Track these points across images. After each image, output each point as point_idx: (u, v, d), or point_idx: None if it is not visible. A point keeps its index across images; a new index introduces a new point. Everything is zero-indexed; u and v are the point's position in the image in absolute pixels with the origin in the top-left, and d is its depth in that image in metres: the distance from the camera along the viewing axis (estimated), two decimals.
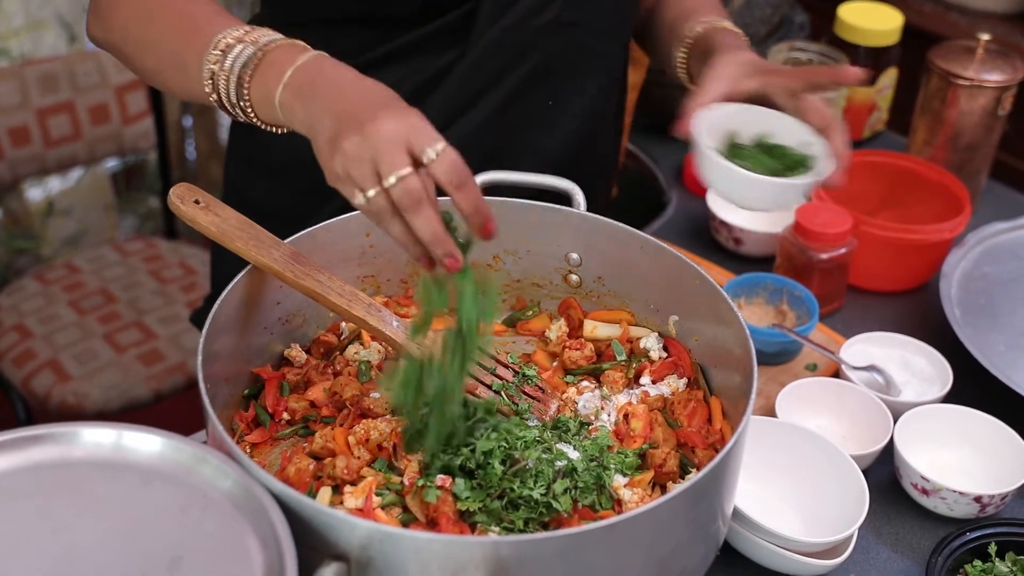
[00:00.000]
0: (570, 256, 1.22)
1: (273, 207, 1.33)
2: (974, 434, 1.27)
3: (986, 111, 1.66)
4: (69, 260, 2.36)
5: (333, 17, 1.27)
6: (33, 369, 2.08)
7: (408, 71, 1.28)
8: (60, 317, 2.19)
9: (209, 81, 1.03)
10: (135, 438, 0.93)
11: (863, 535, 1.19)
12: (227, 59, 1.02)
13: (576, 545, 0.86)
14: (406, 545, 0.85)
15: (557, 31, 1.29)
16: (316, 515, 0.86)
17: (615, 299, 1.23)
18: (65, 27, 2.76)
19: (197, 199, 1.05)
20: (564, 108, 1.35)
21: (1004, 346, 1.41)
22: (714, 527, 1.00)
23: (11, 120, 2.20)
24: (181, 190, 1.05)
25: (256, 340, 1.14)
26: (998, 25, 2.35)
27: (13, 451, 0.93)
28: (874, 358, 1.39)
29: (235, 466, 0.90)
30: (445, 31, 1.26)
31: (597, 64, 1.36)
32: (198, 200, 1.05)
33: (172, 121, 2.97)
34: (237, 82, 1.01)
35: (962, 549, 1.16)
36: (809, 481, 1.19)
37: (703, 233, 1.68)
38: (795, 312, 1.45)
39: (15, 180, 2.30)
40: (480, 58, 1.27)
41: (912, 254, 1.56)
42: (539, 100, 1.33)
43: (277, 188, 1.39)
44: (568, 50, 1.31)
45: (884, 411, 1.28)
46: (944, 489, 1.19)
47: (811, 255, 1.47)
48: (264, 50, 1.01)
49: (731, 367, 1.08)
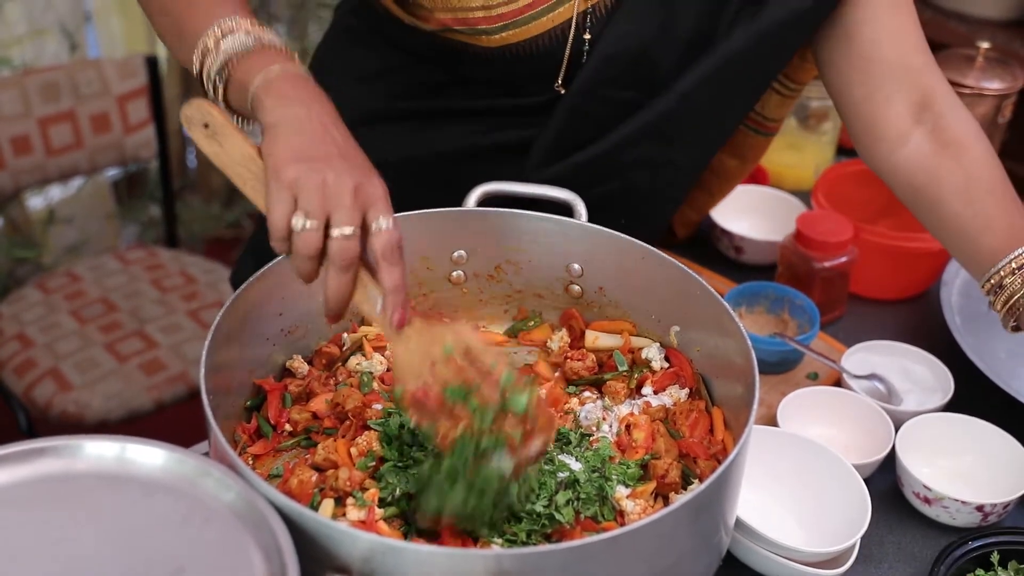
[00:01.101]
0: (571, 267, 1.22)
1: None
2: (976, 443, 1.27)
3: (986, 119, 1.67)
4: (70, 269, 2.37)
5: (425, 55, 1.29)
6: (34, 378, 2.08)
7: (483, 129, 1.30)
8: (61, 326, 2.19)
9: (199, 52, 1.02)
10: (138, 451, 0.94)
11: (865, 545, 1.19)
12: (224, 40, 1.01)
13: (579, 557, 0.86)
14: (409, 558, 0.85)
15: (647, 166, 1.30)
16: (319, 528, 0.87)
17: (616, 309, 1.23)
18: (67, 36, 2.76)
19: (206, 122, 0.97)
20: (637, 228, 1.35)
21: (1005, 354, 1.41)
22: (717, 538, 1.00)
23: (13, 129, 2.20)
24: (191, 110, 0.97)
25: (258, 351, 1.14)
26: (998, 33, 2.36)
27: (17, 464, 0.93)
28: (875, 367, 1.39)
29: (237, 478, 0.91)
30: (523, 111, 1.28)
31: (674, 194, 1.38)
32: (207, 124, 0.97)
33: (173, 130, 2.97)
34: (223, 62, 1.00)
35: (964, 558, 1.16)
36: (811, 491, 1.19)
37: (704, 242, 1.68)
38: (796, 321, 1.45)
39: (17, 189, 2.30)
40: (561, 172, 1.28)
41: (913, 262, 1.56)
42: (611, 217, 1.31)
43: None
44: (652, 184, 1.32)
45: (886, 420, 1.28)
46: (946, 498, 1.19)
47: (812, 264, 1.47)
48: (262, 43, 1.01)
49: (733, 377, 1.08)
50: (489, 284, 1.25)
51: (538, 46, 1.22)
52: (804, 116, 1.75)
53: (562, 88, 1.26)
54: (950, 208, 1.23)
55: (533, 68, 1.25)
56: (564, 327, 1.24)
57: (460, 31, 1.21)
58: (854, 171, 1.68)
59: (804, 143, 1.78)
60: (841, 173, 1.67)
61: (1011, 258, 1.18)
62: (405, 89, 1.33)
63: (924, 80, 1.25)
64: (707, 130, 1.33)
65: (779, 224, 1.62)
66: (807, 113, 1.75)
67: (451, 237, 1.22)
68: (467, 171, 1.27)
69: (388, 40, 1.32)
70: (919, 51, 1.25)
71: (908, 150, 1.26)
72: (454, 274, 1.24)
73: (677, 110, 1.26)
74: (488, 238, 1.22)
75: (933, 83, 1.25)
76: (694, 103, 1.25)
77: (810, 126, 1.76)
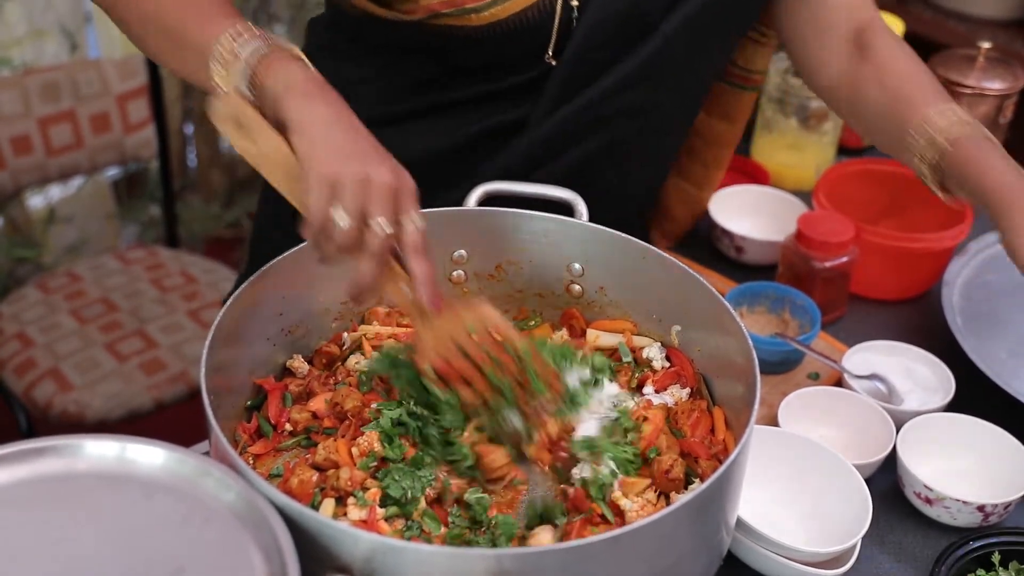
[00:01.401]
0: (572, 266, 1.22)
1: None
2: (977, 443, 1.27)
3: (987, 119, 1.67)
4: (70, 269, 2.36)
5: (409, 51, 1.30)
6: (34, 378, 2.08)
7: (477, 117, 1.30)
8: (61, 326, 2.19)
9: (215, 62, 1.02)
10: (138, 450, 0.94)
11: (866, 545, 1.19)
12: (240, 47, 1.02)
13: (579, 557, 0.86)
14: (410, 558, 0.85)
15: (632, 115, 1.31)
16: (319, 527, 0.86)
17: (617, 309, 1.23)
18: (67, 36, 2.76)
19: (239, 118, 0.99)
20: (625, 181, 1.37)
21: (1006, 354, 1.41)
22: (718, 538, 1.00)
23: (13, 129, 2.20)
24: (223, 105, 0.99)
25: (258, 351, 1.14)
26: (999, 32, 2.36)
27: (17, 463, 0.93)
28: (876, 367, 1.39)
29: (238, 478, 0.90)
30: (515, 89, 1.28)
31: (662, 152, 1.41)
32: (239, 120, 0.99)
33: (173, 129, 2.97)
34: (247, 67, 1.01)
35: (965, 558, 1.16)
36: (812, 491, 1.19)
37: (705, 242, 1.68)
38: (797, 321, 1.45)
39: (17, 189, 2.30)
40: (549, 131, 1.28)
41: (914, 262, 1.56)
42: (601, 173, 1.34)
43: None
44: (641, 133, 1.33)
45: (887, 420, 1.28)
46: (947, 498, 1.19)
47: (813, 264, 1.47)
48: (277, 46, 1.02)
49: (734, 377, 1.08)
50: (490, 284, 1.25)
51: (526, 19, 1.22)
52: (805, 116, 1.75)
53: (553, 60, 1.26)
54: (871, 96, 1.32)
55: (523, 43, 1.25)
56: (564, 327, 1.24)
57: (448, 14, 1.21)
58: (855, 171, 1.68)
59: (805, 143, 1.78)
60: (842, 173, 1.67)
61: (932, 120, 1.25)
62: (390, 93, 1.33)
63: (862, 14, 1.37)
64: (688, 75, 1.35)
65: (780, 224, 1.62)
66: (808, 113, 1.75)
67: (452, 236, 1.22)
68: (465, 162, 1.28)
69: (369, 45, 1.32)
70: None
71: (841, 69, 1.36)
72: (455, 273, 1.24)
73: (659, 55, 1.27)
74: (489, 237, 1.22)
75: (870, 15, 1.37)
76: (675, 46, 1.28)
77: (811, 126, 1.76)
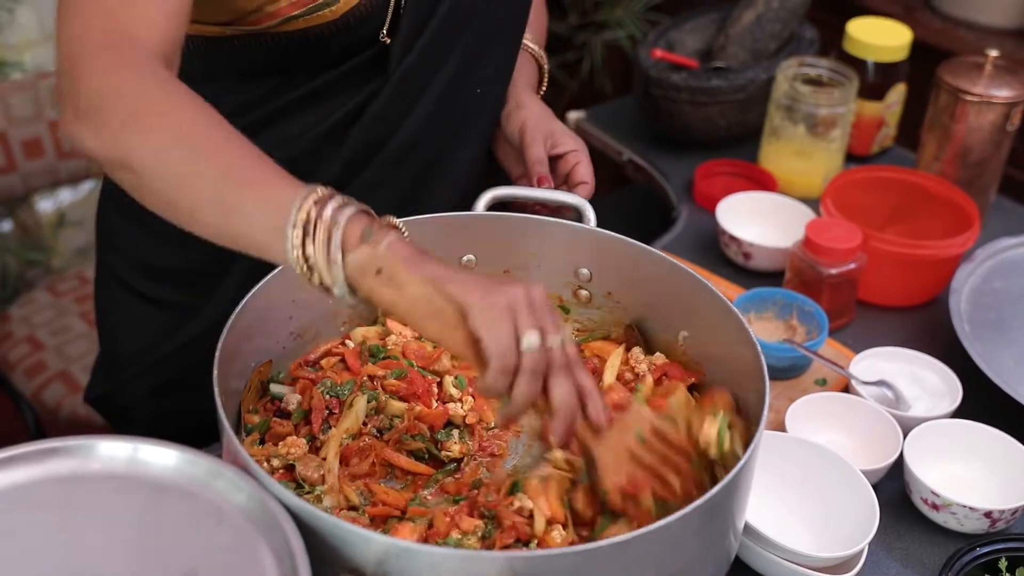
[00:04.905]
0: (580, 271, 1.23)
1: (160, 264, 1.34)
2: (984, 449, 1.27)
3: (995, 127, 1.67)
4: (80, 271, 2.37)
5: (249, 69, 1.24)
6: (44, 381, 2.09)
7: (328, 110, 1.26)
8: (71, 329, 2.20)
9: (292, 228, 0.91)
10: (150, 451, 0.94)
11: (873, 550, 1.19)
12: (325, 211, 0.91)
13: (589, 561, 0.86)
14: (422, 560, 0.85)
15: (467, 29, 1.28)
16: (331, 529, 0.87)
17: (625, 314, 1.23)
18: None
19: (379, 267, 0.89)
20: (483, 111, 1.35)
21: (1014, 361, 1.41)
22: (726, 543, 1.00)
23: (24, 132, 2.21)
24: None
25: (268, 354, 1.14)
26: (1006, 41, 2.36)
27: (29, 464, 0.93)
28: (884, 373, 1.39)
29: (250, 480, 0.91)
30: (361, 67, 1.24)
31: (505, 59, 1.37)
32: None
33: None
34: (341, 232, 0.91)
35: (972, 564, 1.16)
36: (819, 496, 1.19)
37: (712, 247, 1.68)
38: (805, 327, 1.45)
39: (27, 192, 2.31)
40: (400, 81, 1.25)
41: (922, 269, 1.56)
42: (462, 107, 1.31)
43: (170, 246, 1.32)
44: (481, 48, 1.30)
45: (894, 426, 1.28)
46: (954, 504, 1.20)
47: (821, 270, 1.48)
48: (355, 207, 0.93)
49: (743, 382, 1.09)
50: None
51: (371, 2, 1.19)
52: (813, 124, 1.76)
53: (387, 39, 1.23)
54: None
55: (370, 26, 1.21)
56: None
57: (299, 15, 1.16)
58: (863, 178, 1.68)
59: (813, 150, 1.78)
60: (850, 180, 1.67)
61: None
62: (235, 108, 1.17)
63: None
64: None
65: (788, 231, 1.63)
66: (815, 121, 1.75)
67: (460, 242, 1.22)
68: (330, 156, 1.26)
69: (209, 74, 1.22)
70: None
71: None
72: None
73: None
74: (497, 242, 1.23)
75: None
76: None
77: (819, 133, 1.76)
